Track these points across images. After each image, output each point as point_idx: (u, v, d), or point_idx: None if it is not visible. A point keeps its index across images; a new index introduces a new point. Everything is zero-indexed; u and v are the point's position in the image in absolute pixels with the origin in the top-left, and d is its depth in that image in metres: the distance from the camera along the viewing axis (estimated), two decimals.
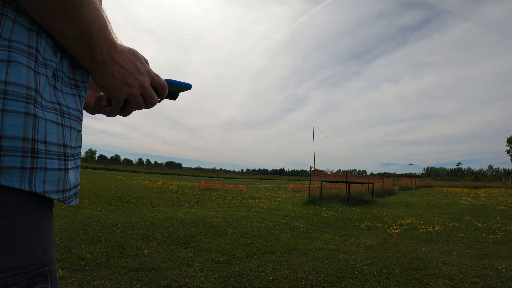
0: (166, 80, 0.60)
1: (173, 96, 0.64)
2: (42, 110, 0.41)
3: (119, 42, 0.52)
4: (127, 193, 10.58)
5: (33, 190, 0.39)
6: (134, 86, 0.52)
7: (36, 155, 0.39)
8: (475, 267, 3.51)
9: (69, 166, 0.46)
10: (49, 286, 0.42)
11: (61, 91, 0.46)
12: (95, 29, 0.44)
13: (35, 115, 0.39)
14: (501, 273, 3.27)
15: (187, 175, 55.34)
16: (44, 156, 0.41)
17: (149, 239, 4.13)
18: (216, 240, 4.33)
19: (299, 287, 2.82)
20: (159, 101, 0.59)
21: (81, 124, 0.54)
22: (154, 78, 0.54)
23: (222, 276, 2.95)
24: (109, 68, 0.49)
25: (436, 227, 6.20)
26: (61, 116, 0.45)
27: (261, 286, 2.80)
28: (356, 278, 3.06)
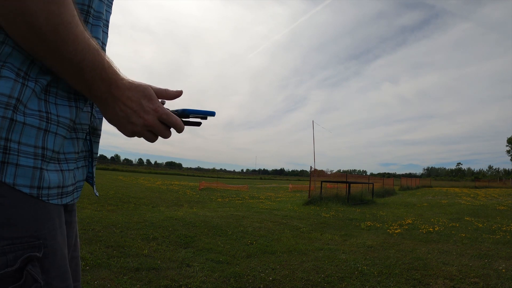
0: (186, 110, 0.59)
1: (197, 123, 0.62)
2: (24, 116, 0.46)
3: (125, 78, 0.53)
4: (127, 193, 10.58)
5: (3, 180, 0.44)
6: (138, 125, 0.53)
7: (8, 151, 0.44)
8: (475, 267, 3.51)
9: (49, 167, 0.49)
10: (40, 255, 0.47)
11: (54, 103, 0.50)
12: (87, 67, 0.48)
13: (11, 119, 0.44)
14: (501, 273, 3.27)
15: (187, 175, 55.33)
16: (17, 153, 0.45)
17: (149, 239, 4.13)
18: (216, 240, 4.33)
19: (299, 287, 2.82)
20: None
21: (80, 132, 0.57)
22: (162, 117, 0.54)
23: (222, 276, 2.95)
24: (111, 105, 0.52)
25: (436, 227, 6.19)
26: (46, 122, 0.49)
27: (261, 286, 2.80)
28: (356, 278, 3.06)
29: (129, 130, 0.53)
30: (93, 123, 0.63)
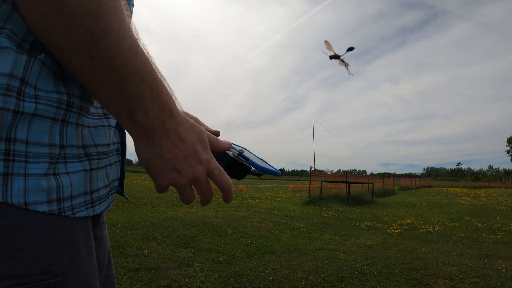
0: (253, 164, 0.50)
1: (239, 173, 0.50)
2: (35, 102, 0.34)
3: (180, 108, 0.42)
4: (127, 193, 10.54)
5: (9, 201, 0.32)
6: (184, 175, 0.40)
7: (11, 158, 0.32)
8: (475, 267, 3.51)
9: (69, 168, 0.38)
10: None
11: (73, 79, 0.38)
12: (132, 77, 0.34)
13: (15, 111, 0.32)
14: (501, 273, 3.27)
15: None
16: (25, 159, 0.33)
17: (149, 239, 4.13)
18: (216, 240, 4.33)
19: (299, 287, 2.82)
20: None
21: (112, 117, 0.46)
22: (213, 172, 0.42)
23: (222, 276, 2.95)
24: (157, 141, 0.38)
25: (436, 227, 6.19)
26: (65, 109, 0.36)
27: (261, 286, 2.80)
28: (356, 278, 3.06)
29: (168, 179, 0.40)
30: None
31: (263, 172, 0.51)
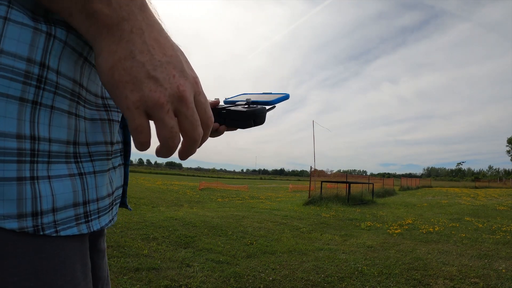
0: (264, 102, 0.47)
1: (260, 119, 0.45)
2: (54, 92, 0.29)
3: (154, 11, 0.33)
4: (127, 193, 10.57)
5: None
6: (165, 87, 0.27)
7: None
8: (475, 267, 3.51)
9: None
10: None
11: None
12: None
13: (35, 102, 0.28)
14: (501, 274, 3.26)
15: (187, 175, 55.33)
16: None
17: (149, 239, 4.13)
18: (216, 240, 4.33)
19: (299, 287, 2.82)
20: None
21: (114, 110, 0.37)
22: (199, 97, 0.31)
23: (222, 276, 2.95)
24: (126, 37, 0.27)
25: (436, 228, 6.19)
26: (77, 101, 0.30)
27: (261, 286, 2.80)
28: (356, 278, 3.06)
29: (142, 91, 0.27)
30: None
31: (276, 103, 0.51)
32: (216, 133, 0.50)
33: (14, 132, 0.26)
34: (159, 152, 0.31)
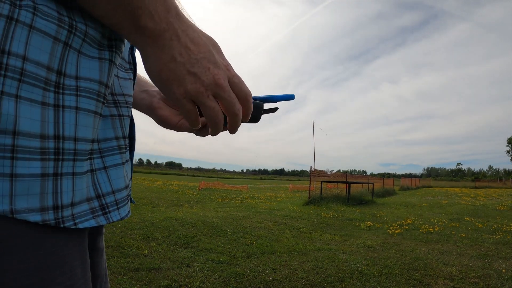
0: (263, 98, 0.48)
1: (255, 118, 0.47)
2: (76, 94, 0.32)
3: (186, 14, 0.37)
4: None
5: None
6: (203, 79, 0.34)
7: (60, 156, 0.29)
8: (475, 267, 3.51)
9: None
10: None
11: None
12: None
13: (56, 105, 0.30)
14: (501, 274, 3.26)
15: (187, 175, 55.35)
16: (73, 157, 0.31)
17: (149, 239, 4.13)
18: (216, 240, 4.33)
19: (299, 287, 2.82)
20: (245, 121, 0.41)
21: (124, 105, 0.40)
22: (234, 80, 0.37)
23: (222, 276, 2.95)
24: (168, 44, 0.33)
25: (436, 228, 6.19)
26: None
27: (261, 286, 2.80)
28: (356, 279, 3.06)
29: (185, 85, 0.34)
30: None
31: (277, 100, 0.50)
32: (204, 129, 0.49)
33: (38, 132, 0.29)
34: (211, 130, 0.40)
